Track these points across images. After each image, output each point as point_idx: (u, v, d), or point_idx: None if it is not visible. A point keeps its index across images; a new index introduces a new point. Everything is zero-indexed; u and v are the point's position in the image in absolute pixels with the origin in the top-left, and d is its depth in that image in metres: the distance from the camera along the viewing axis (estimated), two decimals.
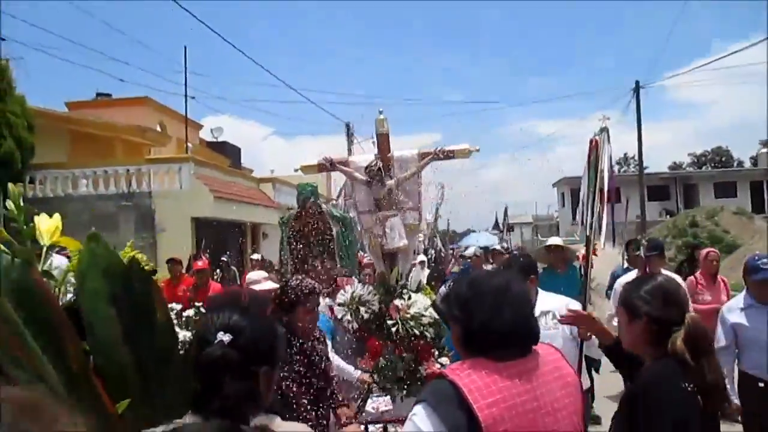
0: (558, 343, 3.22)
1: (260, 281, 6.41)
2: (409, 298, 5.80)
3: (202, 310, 6.40)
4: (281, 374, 3.40)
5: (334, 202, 9.74)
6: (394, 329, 5.59)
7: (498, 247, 15.69)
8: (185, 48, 17.32)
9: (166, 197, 15.86)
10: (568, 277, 7.59)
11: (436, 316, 5.35)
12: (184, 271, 9.81)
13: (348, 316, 5.75)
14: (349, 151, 27.22)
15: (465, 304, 1.94)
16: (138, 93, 21.91)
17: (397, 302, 5.73)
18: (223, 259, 12.98)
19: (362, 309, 5.72)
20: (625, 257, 9.28)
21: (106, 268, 1.93)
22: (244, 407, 1.73)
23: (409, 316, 5.61)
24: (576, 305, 4.35)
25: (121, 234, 15.00)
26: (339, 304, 5.80)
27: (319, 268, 6.97)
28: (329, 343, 4.82)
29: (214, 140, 24.02)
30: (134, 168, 16.03)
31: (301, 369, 3.82)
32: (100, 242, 1.95)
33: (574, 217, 39.76)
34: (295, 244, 7.61)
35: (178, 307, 6.71)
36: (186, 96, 17.67)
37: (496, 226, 38.12)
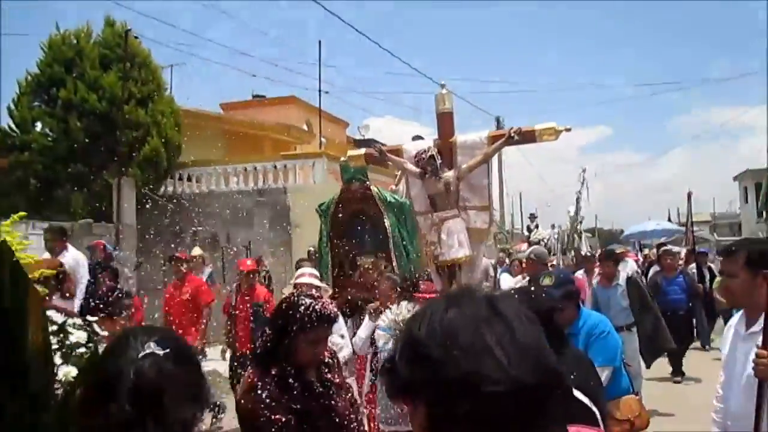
0: None
1: (304, 275, 5.34)
2: None
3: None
4: (272, 411, 2.57)
5: (393, 187, 8.25)
6: None
7: (670, 247, 13.01)
8: (320, 43, 16.70)
9: (301, 193, 15.26)
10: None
11: None
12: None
13: (390, 345, 4.37)
14: (500, 160, 25.27)
15: (426, 360, 1.01)
16: (294, 93, 21.88)
17: None
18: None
19: None
20: None
21: None
22: None
23: None
24: None
25: (255, 230, 14.65)
26: (380, 328, 4.44)
27: (371, 270, 5.57)
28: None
29: (361, 138, 23.41)
30: (270, 164, 15.63)
31: (297, 405, 2.68)
32: None
33: (759, 215, 34.62)
34: (337, 238, 6.09)
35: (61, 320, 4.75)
36: (320, 91, 17.10)
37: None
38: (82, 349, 2.24)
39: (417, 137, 6.48)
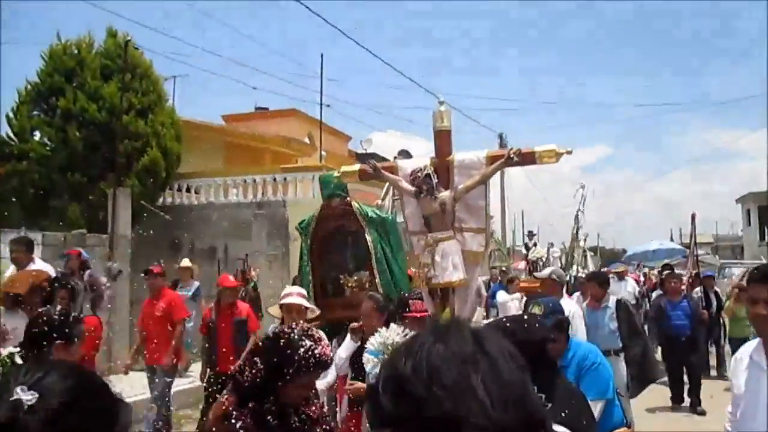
0: None
1: (292, 295, 5.08)
2: None
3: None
4: None
5: (379, 202, 8.03)
6: None
7: (678, 269, 12.63)
8: (322, 56, 16.60)
9: (300, 206, 15.11)
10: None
11: None
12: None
13: (377, 370, 4.17)
14: (502, 179, 25.05)
15: (409, 396, 0.97)
16: (296, 106, 21.79)
17: None
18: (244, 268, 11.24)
19: None
20: None
21: None
22: None
23: None
24: None
25: (254, 242, 14.49)
26: (369, 351, 4.24)
27: (354, 288, 5.36)
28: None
29: (363, 152, 23.29)
30: (270, 177, 15.50)
31: None
32: None
33: (761, 237, 34.36)
34: (318, 256, 5.84)
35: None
36: (321, 104, 16.99)
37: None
38: None
39: (403, 152, 6.33)
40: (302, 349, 2.49)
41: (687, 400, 8.76)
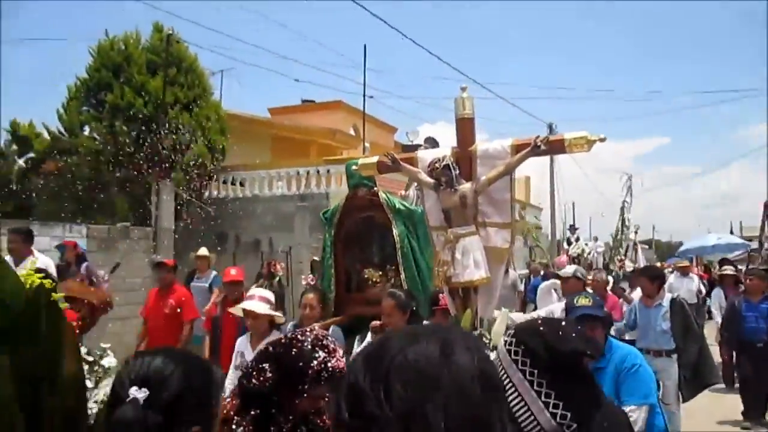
0: None
1: (253, 298, 4.51)
2: None
3: None
4: None
5: (402, 193, 7.64)
6: None
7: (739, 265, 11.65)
8: (365, 47, 16.31)
9: (342, 198, 14.92)
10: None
11: None
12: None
13: None
14: (551, 168, 24.17)
15: (360, 409, 0.94)
16: (339, 97, 21.61)
17: None
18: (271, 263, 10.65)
19: None
20: None
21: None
22: None
23: None
24: None
25: (297, 234, 14.39)
26: None
27: (378, 283, 5.05)
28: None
29: (410, 143, 22.95)
30: (313, 169, 15.35)
31: None
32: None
33: None
34: (342, 249, 5.49)
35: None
36: (364, 96, 16.71)
37: None
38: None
39: (429, 139, 6.04)
40: (315, 362, 2.28)
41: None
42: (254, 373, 2.37)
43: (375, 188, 5.54)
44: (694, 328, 6.61)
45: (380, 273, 5.29)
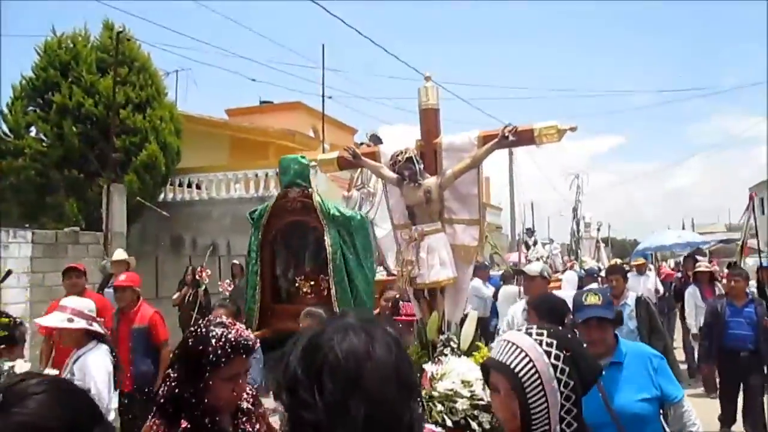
0: None
1: (61, 308, 3.82)
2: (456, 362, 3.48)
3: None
4: None
5: (345, 194, 7.28)
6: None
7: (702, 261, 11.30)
8: (323, 46, 15.95)
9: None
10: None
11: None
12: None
13: None
14: (511, 168, 24.08)
15: (296, 396, 1.07)
16: (299, 98, 21.20)
17: (430, 368, 3.44)
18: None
19: None
20: None
21: None
22: None
23: (436, 394, 3.29)
24: None
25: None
26: None
27: (309, 295, 4.54)
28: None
29: (369, 145, 22.67)
30: (272, 171, 14.93)
31: None
32: None
33: None
34: (271, 254, 4.94)
35: None
36: (323, 96, 16.35)
37: None
38: None
39: (373, 136, 5.75)
40: (214, 339, 2.17)
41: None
42: (165, 383, 2.28)
43: (309, 190, 4.99)
44: (658, 326, 6.47)
45: (312, 283, 4.76)
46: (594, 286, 7.67)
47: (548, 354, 1.71)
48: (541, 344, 1.70)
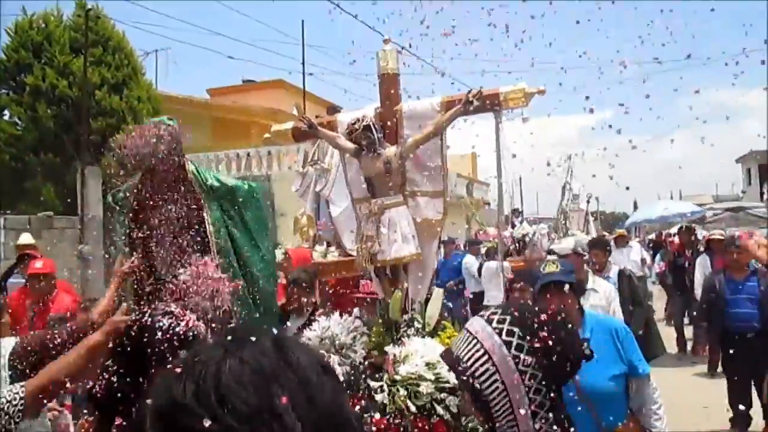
0: None
1: None
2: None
3: None
4: None
5: (301, 170, 6.90)
6: (379, 398, 3.08)
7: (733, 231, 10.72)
8: (302, 22, 15.56)
9: (286, 180, 14.28)
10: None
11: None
12: None
13: None
14: (498, 142, 23.60)
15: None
16: (280, 76, 20.78)
17: (393, 350, 3.20)
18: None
19: (334, 359, 3.28)
20: None
21: None
22: None
23: (399, 378, 3.05)
24: None
25: None
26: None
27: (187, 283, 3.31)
28: None
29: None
30: (253, 150, 14.64)
31: None
32: None
33: (762, 197, 33.32)
34: (142, 240, 3.65)
35: None
36: (303, 74, 16.01)
37: None
38: None
39: (330, 108, 5.31)
40: (160, 332, 2.01)
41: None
42: (100, 377, 2.08)
43: (183, 158, 3.76)
44: (640, 299, 6.30)
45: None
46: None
47: (508, 345, 1.48)
48: (500, 333, 1.51)
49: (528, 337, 1.52)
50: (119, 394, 1.94)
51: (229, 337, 0.85)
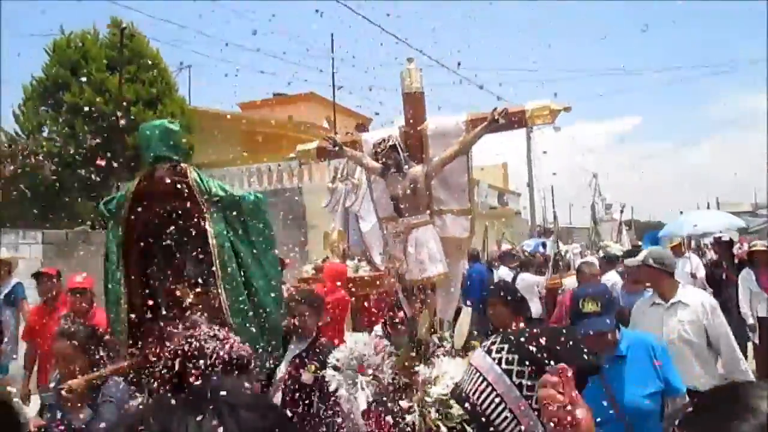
0: None
1: None
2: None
3: None
4: None
5: (330, 185, 6.85)
6: (409, 418, 3.06)
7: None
8: (332, 36, 15.70)
9: (316, 192, 14.38)
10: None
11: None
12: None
13: (343, 390, 3.33)
14: (529, 157, 23.24)
15: None
16: (312, 88, 20.94)
17: (424, 371, 3.18)
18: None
19: (363, 380, 3.27)
20: None
21: None
22: None
23: (430, 399, 3.03)
24: None
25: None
26: (333, 367, 3.41)
27: (194, 308, 3.24)
28: None
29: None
30: (285, 164, 14.78)
31: None
32: None
33: None
34: (139, 254, 3.51)
35: None
36: (333, 86, 16.12)
37: None
38: None
39: (359, 125, 5.33)
40: (205, 356, 2.05)
41: None
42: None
43: (182, 166, 3.52)
44: None
45: (197, 291, 3.47)
46: (612, 275, 7.05)
47: (508, 373, 1.48)
48: (500, 363, 1.52)
49: (527, 362, 1.53)
50: None
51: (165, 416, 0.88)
